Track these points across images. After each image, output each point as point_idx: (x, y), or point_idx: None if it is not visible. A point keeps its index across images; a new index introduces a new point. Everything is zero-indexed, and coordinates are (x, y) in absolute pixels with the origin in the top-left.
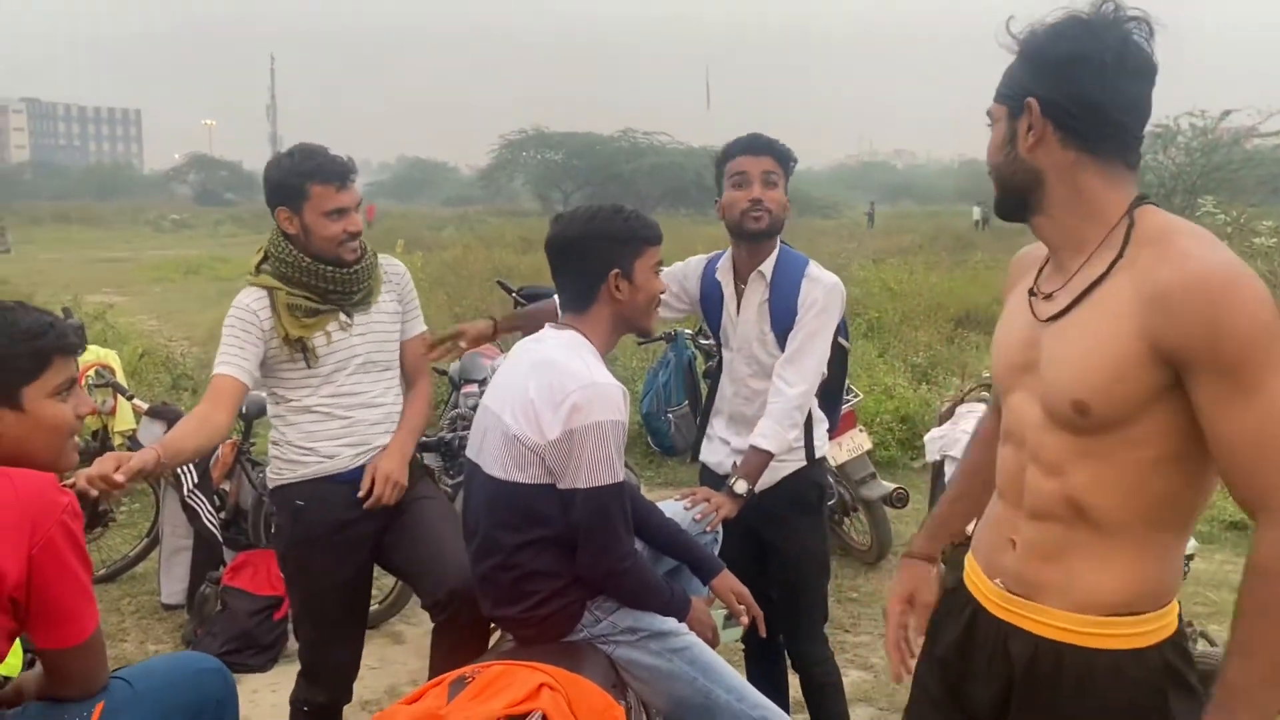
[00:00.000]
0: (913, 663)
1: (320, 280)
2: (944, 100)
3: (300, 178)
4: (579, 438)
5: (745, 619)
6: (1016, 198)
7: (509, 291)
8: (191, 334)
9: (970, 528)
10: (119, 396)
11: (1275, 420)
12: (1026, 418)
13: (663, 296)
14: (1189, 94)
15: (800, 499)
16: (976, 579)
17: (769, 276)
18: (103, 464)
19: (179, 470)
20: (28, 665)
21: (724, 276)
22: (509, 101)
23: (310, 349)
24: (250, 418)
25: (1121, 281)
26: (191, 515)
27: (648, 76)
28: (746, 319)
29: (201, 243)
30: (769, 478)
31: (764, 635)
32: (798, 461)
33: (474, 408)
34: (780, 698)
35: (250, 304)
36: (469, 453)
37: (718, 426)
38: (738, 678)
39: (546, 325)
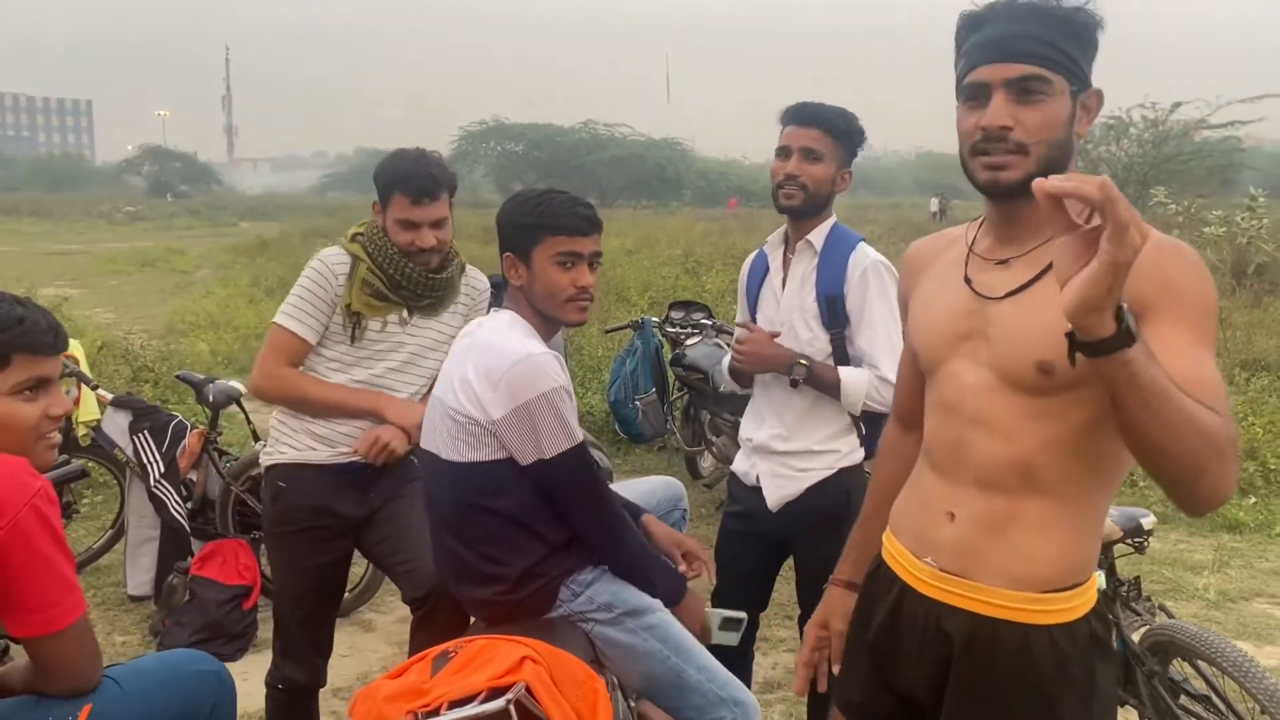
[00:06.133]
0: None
1: (398, 272)
2: (901, 94)
3: (389, 185)
4: (529, 411)
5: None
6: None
7: None
8: (150, 326)
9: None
10: (83, 387)
11: (1210, 374)
12: (969, 383)
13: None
14: (1145, 84)
15: (823, 514)
16: (901, 559)
17: (818, 246)
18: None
19: (145, 460)
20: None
21: (773, 250)
22: (469, 92)
23: (362, 327)
24: (218, 407)
25: None
26: (159, 505)
27: (606, 67)
28: (790, 290)
29: (157, 235)
30: (793, 488)
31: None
32: (823, 470)
33: None
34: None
35: (334, 263)
36: (423, 444)
37: (742, 425)
38: (708, 657)
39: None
